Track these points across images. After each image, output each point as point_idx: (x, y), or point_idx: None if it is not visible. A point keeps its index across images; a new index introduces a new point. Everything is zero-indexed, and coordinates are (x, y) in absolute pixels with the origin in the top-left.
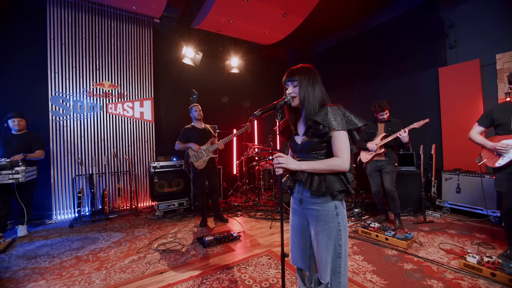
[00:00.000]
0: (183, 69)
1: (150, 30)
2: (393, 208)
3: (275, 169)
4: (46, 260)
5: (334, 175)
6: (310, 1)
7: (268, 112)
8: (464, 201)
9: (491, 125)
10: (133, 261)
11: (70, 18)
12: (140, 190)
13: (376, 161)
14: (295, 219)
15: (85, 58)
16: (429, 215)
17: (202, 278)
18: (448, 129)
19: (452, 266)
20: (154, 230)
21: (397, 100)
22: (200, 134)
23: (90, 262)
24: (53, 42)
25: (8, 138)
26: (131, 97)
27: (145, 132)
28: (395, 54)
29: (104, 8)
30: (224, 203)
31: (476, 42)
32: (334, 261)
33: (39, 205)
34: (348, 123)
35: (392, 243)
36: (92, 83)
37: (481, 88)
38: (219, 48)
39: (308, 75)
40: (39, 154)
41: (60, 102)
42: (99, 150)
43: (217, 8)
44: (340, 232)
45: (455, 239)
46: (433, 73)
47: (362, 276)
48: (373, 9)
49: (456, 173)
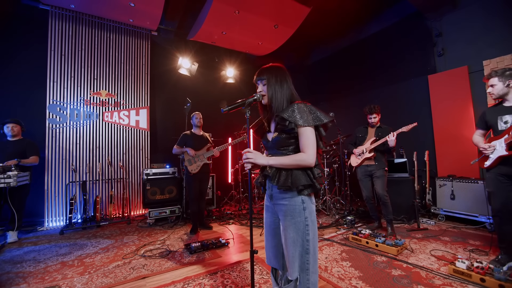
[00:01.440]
0: (179, 79)
1: (148, 42)
2: (386, 214)
3: (243, 165)
4: (31, 265)
5: (300, 170)
6: (300, 13)
7: (236, 109)
8: (458, 208)
9: (487, 127)
10: (117, 266)
11: (70, 31)
12: (133, 198)
13: (366, 166)
14: (267, 216)
15: (84, 68)
16: (424, 223)
17: (183, 283)
18: (440, 135)
19: (441, 272)
20: (144, 237)
21: (390, 107)
22: (197, 140)
23: (74, 267)
24: (53, 53)
25: (3, 144)
26: (127, 105)
27: (140, 140)
28: (386, 62)
29: (104, 22)
30: (217, 211)
31: (463, 49)
32: (302, 257)
33: (31, 211)
34: (314, 120)
35: (382, 249)
36: (89, 92)
37: (471, 94)
38: (215, 59)
39: (276, 73)
40: (33, 160)
41: (57, 110)
42: (94, 157)
43: (210, 20)
44: (308, 227)
45: (448, 246)
46: (423, 81)
47: (348, 282)
48: (363, 21)
49: (450, 180)
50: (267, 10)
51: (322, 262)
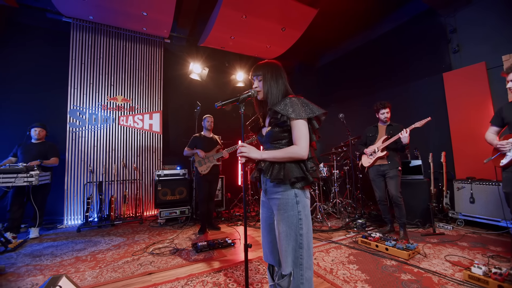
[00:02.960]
0: (191, 84)
1: (161, 49)
2: (399, 217)
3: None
4: (48, 259)
5: (293, 163)
6: (307, 15)
7: (230, 104)
8: (478, 212)
9: (503, 124)
10: (126, 262)
11: (90, 40)
12: (146, 199)
13: (378, 165)
14: (263, 212)
15: (101, 75)
16: (440, 227)
17: (187, 279)
18: (457, 135)
19: (455, 278)
20: (154, 236)
21: (403, 108)
22: (207, 142)
23: (87, 261)
24: (74, 62)
25: (28, 146)
26: (141, 110)
27: (153, 142)
28: (398, 62)
29: (120, 31)
30: (227, 213)
31: (480, 45)
32: (296, 251)
33: (52, 210)
34: (306, 112)
35: (392, 253)
36: (106, 97)
37: (490, 90)
38: (225, 64)
39: (271, 70)
40: (53, 161)
41: (77, 114)
42: (110, 159)
43: (219, 26)
44: (301, 221)
45: (465, 252)
46: (438, 79)
47: (353, 284)
48: (373, 21)
49: (469, 182)
50: (274, 13)
51: (328, 265)
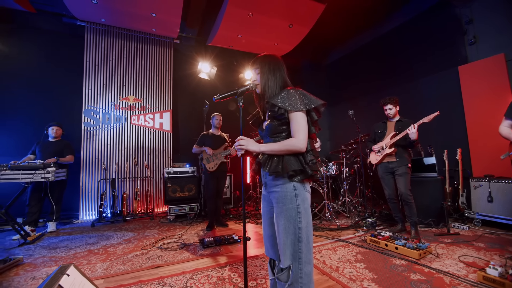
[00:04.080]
0: (200, 83)
1: (171, 49)
2: (409, 215)
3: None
4: (63, 251)
5: (292, 155)
6: (314, 11)
7: (228, 98)
8: (497, 211)
9: None
10: (135, 256)
11: (103, 43)
12: (157, 196)
13: (387, 162)
14: (264, 205)
15: (114, 76)
16: (456, 227)
17: (192, 273)
18: (474, 131)
19: (469, 280)
20: (163, 232)
21: (416, 104)
22: (215, 140)
23: (99, 254)
24: (88, 63)
25: (45, 145)
26: (152, 109)
27: (163, 141)
28: (410, 57)
29: (131, 33)
30: (235, 211)
31: (497, 36)
32: (295, 245)
33: (68, 206)
34: (304, 104)
35: (403, 252)
36: (119, 97)
37: (509, 83)
38: (234, 63)
39: (268, 63)
40: (69, 158)
41: (91, 114)
42: (122, 157)
43: (226, 24)
44: (300, 215)
45: (481, 252)
46: (453, 73)
47: (359, 283)
48: (383, 15)
49: (487, 180)
50: (281, 10)
51: (334, 262)
